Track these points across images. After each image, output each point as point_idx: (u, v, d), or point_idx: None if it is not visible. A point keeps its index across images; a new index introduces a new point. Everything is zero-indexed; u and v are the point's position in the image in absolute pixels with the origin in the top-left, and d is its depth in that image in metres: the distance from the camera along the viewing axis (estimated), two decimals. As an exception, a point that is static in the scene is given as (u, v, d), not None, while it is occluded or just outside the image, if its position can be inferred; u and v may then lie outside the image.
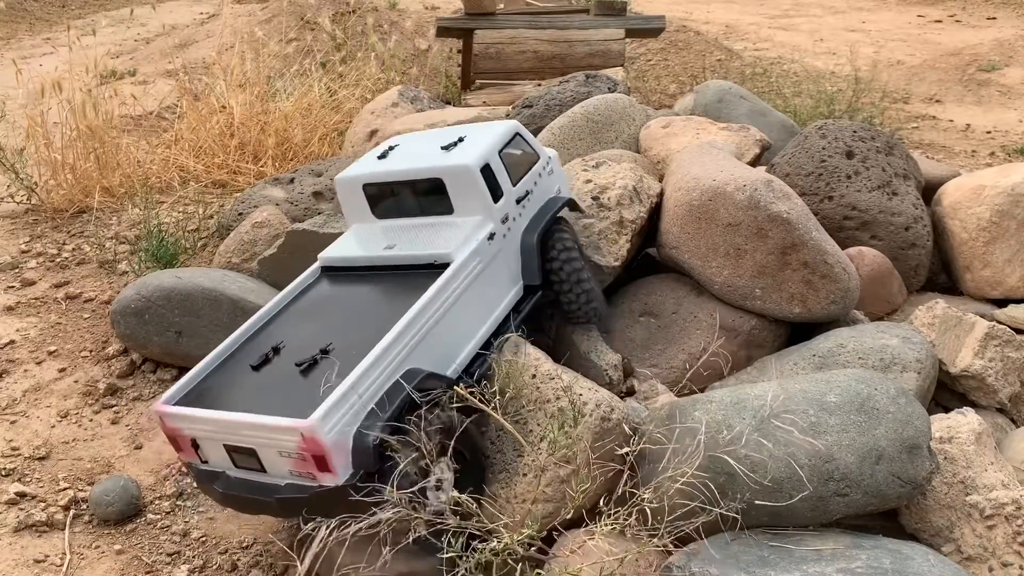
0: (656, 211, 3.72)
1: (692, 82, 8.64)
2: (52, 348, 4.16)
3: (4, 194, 5.55)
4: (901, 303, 3.89)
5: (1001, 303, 3.94)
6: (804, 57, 10.07)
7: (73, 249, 5.05)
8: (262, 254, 4.24)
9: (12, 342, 4.20)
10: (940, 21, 12.40)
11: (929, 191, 4.26)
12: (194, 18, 12.41)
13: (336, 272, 3.18)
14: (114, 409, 3.84)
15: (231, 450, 2.57)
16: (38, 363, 4.07)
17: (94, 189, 5.49)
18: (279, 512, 2.63)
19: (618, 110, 4.60)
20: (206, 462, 2.68)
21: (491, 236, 2.98)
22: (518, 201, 3.15)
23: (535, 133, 4.91)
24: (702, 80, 7.62)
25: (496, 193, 3.04)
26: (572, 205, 3.40)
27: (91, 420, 3.77)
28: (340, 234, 3.46)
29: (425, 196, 3.10)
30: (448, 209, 3.08)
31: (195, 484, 2.91)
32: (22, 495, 3.29)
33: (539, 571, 2.45)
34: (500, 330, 2.97)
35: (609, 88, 5.32)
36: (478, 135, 3.19)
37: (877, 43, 10.71)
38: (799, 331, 3.54)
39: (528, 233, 3.15)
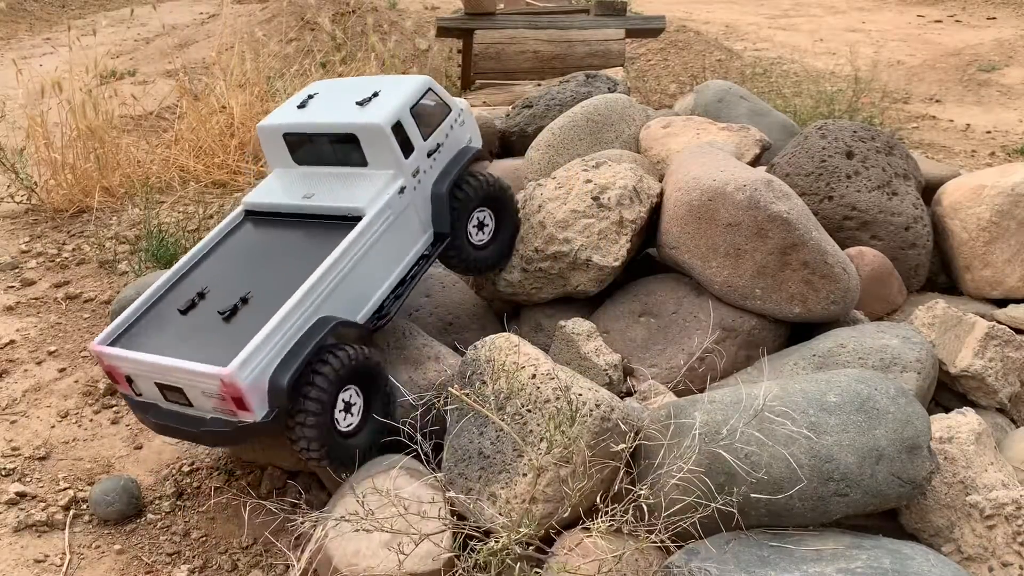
0: (656, 211, 3.72)
1: (692, 82, 8.64)
2: (52, 348, 4.16)
3: (4, 194, 5.55)
4: (901, 303, 3.89)
5: (1001, 303, 3.94)
6: (804, 57, 10.07)
7: (73, 249, 5.05)
8: (262, 254, 4.23)
9: (12, 342, 4.20)
10: (940, 21, 12.40)
11: (929, 191, 4.26)
12: (194, 18, 12.42)
13: (259, 216, 3.39)
14: (114, 409, 3.84)
15: (161, 387, 2.84)
16: (38, 363, 4.07)
17: (94, 189, 5.50)
18: (206, 442, 2.97)
19: (618, 110, 4.60)
20: (140, 395, 2.96)
21: (402, 190, 3.19)
22: (429, 154, 3.33)
23: (535, 133, 4.92)
24: (702, 80, 7.62)
25: (407, 149, 3.22)
26: (481, 156, 3.62)
27: (91, 420, 3.77)
28: None
29: (341, 148, 3.28)
30: (363, 161, 3.27)
31: (132, 412, 3.21)
32: (22, 495, 3.29)
33: (538, 570, 2.45)
34: (410, 273, 3.25)
35: (609, 88, 5.32)
36: (392, 90, 3.32)
37: (877, 43, 10.71)
38: (799, 331, 3.54)
39: (438, 184, 3.34)
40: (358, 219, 3.07)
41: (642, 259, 3.98)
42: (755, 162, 4.33)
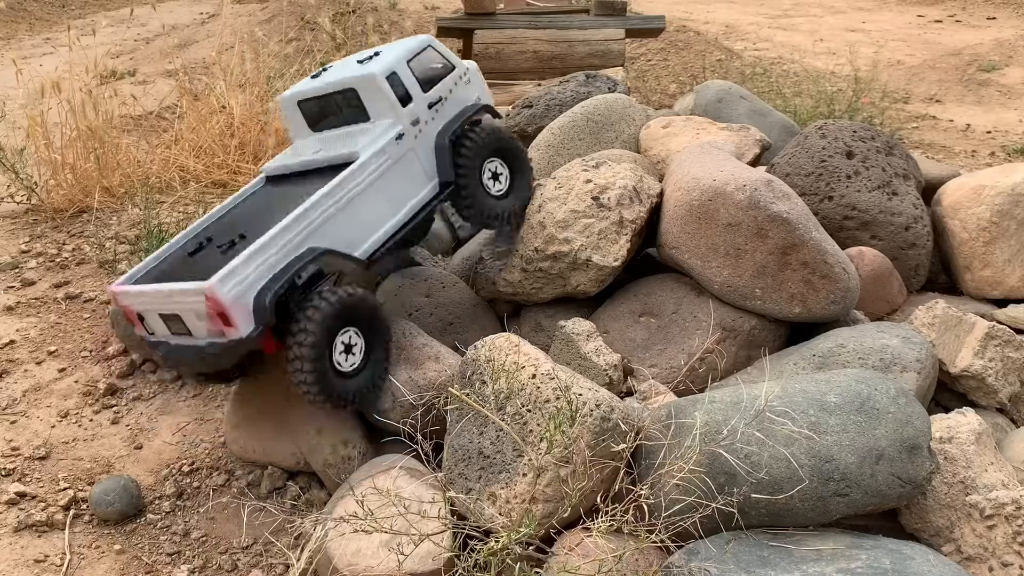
0: (656, 211, 3.72)
1: (692, 82, 8.64)
2: (52, 348, 4.16)
3: (4, 194, 5.55)
4: (901, 303, 3.88)
5: (1001, 303, 3.94)
6: (804, 57, 10.07)
7: (73, 249, 5.05)
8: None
9: (12, 342, 4.20)
10: (940, 21, 12.40)
11: (929, 191, 4.26)
12: (194, 18, 12.42)
13: (276, 179, 3.63)
14: (114, 409, 3.84)
15: (165, 319, 3.01)
16: (38, 363, 4.07)
17: (94, 189, 5.49)
18: (202, 365, 3.07)
19: (618, 110, 4.60)
20: (152, 334, 3.14)
21: (399, 136, 3.34)
22: (430, 106, 3.47)
23: (535, 133, 4.92)
24: (702, 80, 7.62)
25: (405, 99, 3.39)
26: (491, 112, 3.74)
27: (91, 420, 3.77)
28: None
29: (347, 106, 3.48)
30: (365, 116, 3.44)
31: (149, 353, 3.43)
32: (22, 495, 3.29)
33: (538, 570, 2.45)
34: (420, 222, 3.39)
35: (609, 88, 5.32)
36: (391, 49, 3.54)
37: (877, 43, 10.71)
38: (799, 331, 3.54)
39: (441, 135, 3.49)
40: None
41: (642, 259, 3.98)
42: (755, 162, 4.33)
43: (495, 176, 3.61)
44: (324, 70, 3.72)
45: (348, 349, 3.02)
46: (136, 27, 11.59)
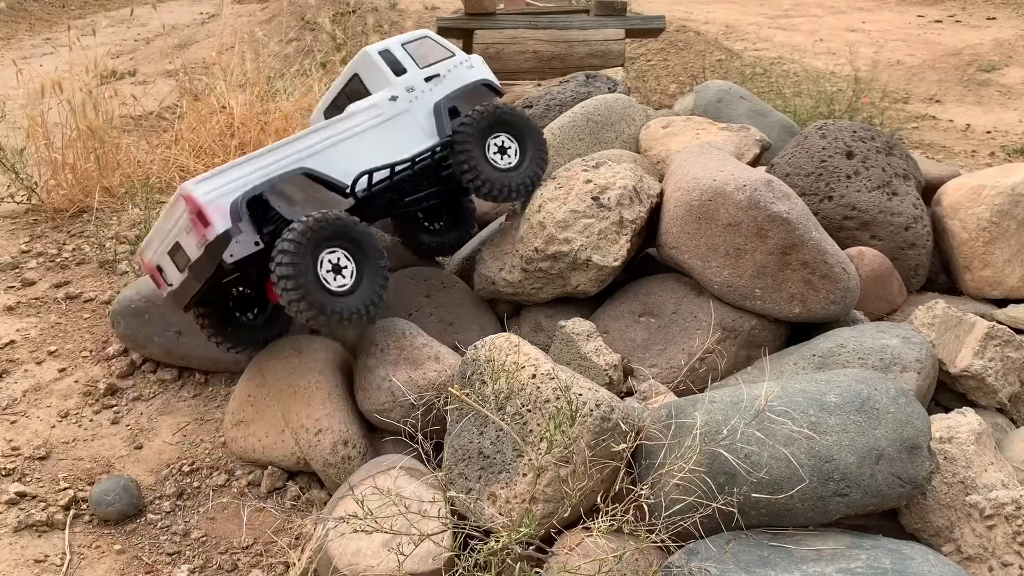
0: (656, 211, 3.72)
1: (692, 82, 8.64)
2: (52, 348, 4.16)
3: (4, 194, 5.55)
4: (901, 303, 3.89)
5: (1001, 303, 3.94)
6: (804, 57, 10.07)
7: (73, 249, 5.05)
8: (262, 254, 4.24)
9: (12, 342, 4.20)
10: (940, 21, 12.40)
11: (929, 191, 4.26)
12: (194, 18, 12.42)
13: None
14: (114, 409, 3.84)
15: (171, 255, 3.25)
16: (38, 363, 4.07)
17: (94, 189, 5.49)
18: (194, 278, 3.22)
19: (618, 110, 4.60)
20: (171, 285, 3.33)
21: (393, 97, 3.68)
22: (427, 79, 3.80)
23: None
24: (702, 80, 7.62)
25: (398, 70, 3.75)
26: (492, 88, 4.01)
27: (91, 420, 3.77)
28: None
29: (356, 95, 3.79)
30: (368, 94, 3.76)
31: (170, 308, 3.59)
32: (22, 495, 3.29)
33: (538, 570, 2.45)
34: (420, 167, 3.66)
35: (609, 88, 5.32)
36: (383, 40, 3.92)
37: (877, 43, 10.71)
38: (799, 331, 3.54)
39: (439, 102, 3.79)
40: None
41: (642, 259, 3.98)
42: (755, 162, 4.33)
43: (502, 150, 3.75)
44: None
45: (337, 269, 3.14)
46: (136, 27, 11.58)
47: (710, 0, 14.23)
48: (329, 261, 3.12)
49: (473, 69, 3.96)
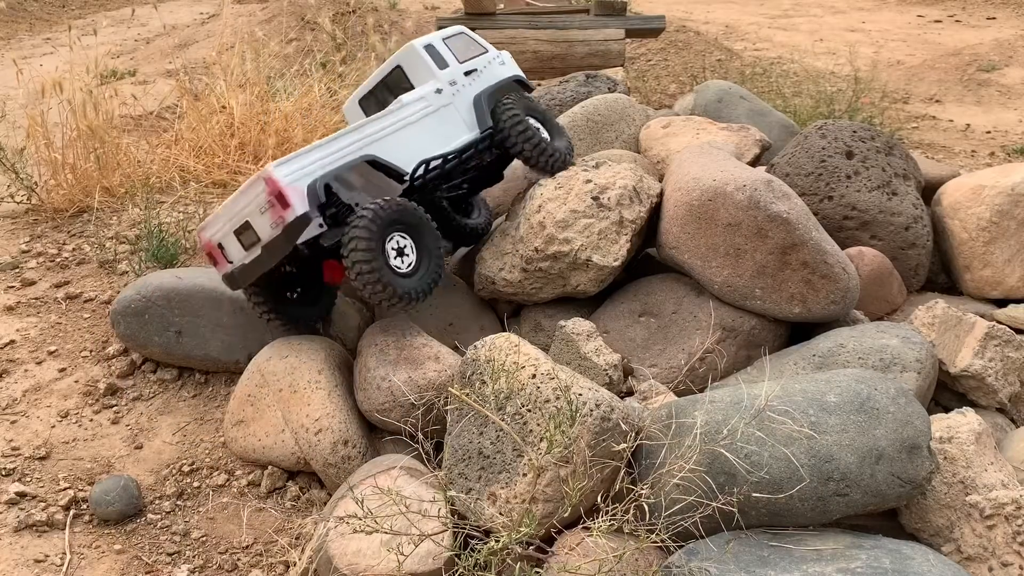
0: (656, 211, 3.72)
1: (692, 82, 8.63)
2: (52, 348, 4.16)
3: (4, 194, 5.55)
4: (901, 303, 3.89)
5: (1001, 303, 3.94)
6: (804, 57, 10.06)
7: (73, 249, 5.05)
8: (262, 254, 4.24)
9: (12, 342, 4.20)
10: (940, 21, 12.40)
11: (929, 191, 4.26)
12: (194, 18, 12.42)
13: None
14: (114, 409, 3.84)
15: (238, 234, 3.35)
16: (38, 363, 4.07)
17: (94, 189, 5.49)
18: (265, 258, 3.30)
19: (618, 110, 4.60)
20: (231, 263, 3.45)
21: (438, 90, 3.86)
22: (467, 73, 4.00)
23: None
24: (702, 80, 7.61)
25: (441, 64, 3.93)
26: (523, 84, 4.25)
27: (91, 420, 3.77)
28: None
29: (398, 87, 3.99)
30: (410, 86, 3.94)
31: (228, 285, 3.60)
32: (22, 495, 3.29)
33: (538, 570, 2.45)
34: (465, 158, 3.85)
35: (609, 88, 5.33)
36: (425, 35, 4.09)
37: (877, 43, 10.71)
38: (799, 331, 3.54)
39: (479, 95, 4.01)
40: None
41: (642, 259, 3.98)
42: (755, 162, 4.34)
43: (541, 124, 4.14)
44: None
45: (400, 252, 3.32)
46: (136, 27, 11.58)
47: (710, 0, 14.23)
48: (392, 247, 3.30)
49: (504, 66, 4.18)
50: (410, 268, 3.34)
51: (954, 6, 13.29)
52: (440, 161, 3.71)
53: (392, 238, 3.28)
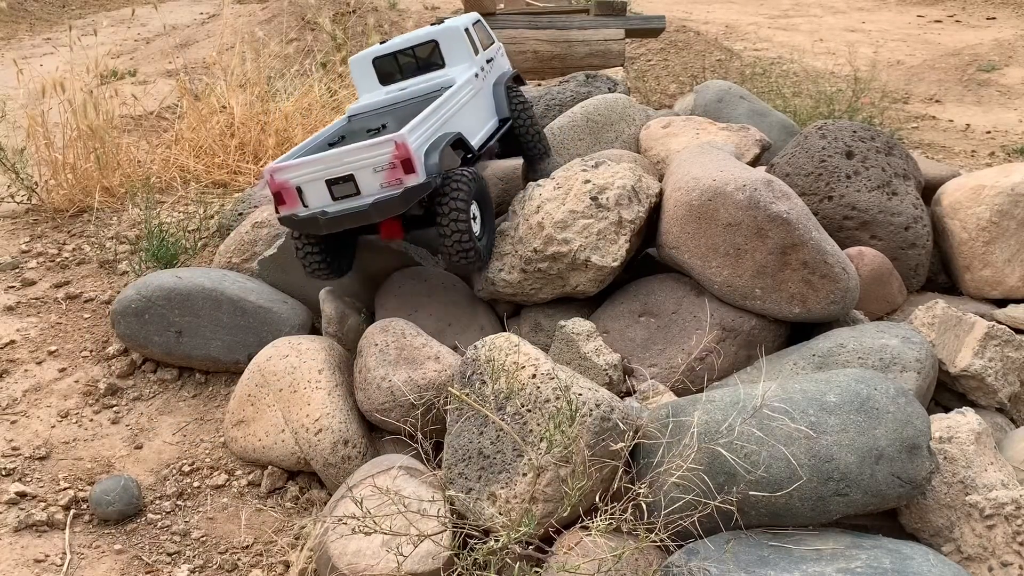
0: (656, 211, 3.72)
1: (692, 82, 8.64)
2: (52, 348, 4.16)
3: (4, 194, 5.55)
4: (901, 303, 3.89)
5: (1001, 303, 3.94)
6: (804, 57, 10.06)
7: (73, 249, 5.05)
8: (262, 254, 4.24)
9: (12, 342, 4.20)
10: (940, 21, 12.40)
11: (929, 191, 4.26)
12: (195, 18, 12.43)
13: (362, 114, 4.21)
14: (114, 409, 3.84)
15: (331, 184, 3.38)
16: (38, 363, 4.07)
17: (94, 189, 5.49)
18: (377, 214, 3.37)
19: (618, 110, 4.60)
20: (307, 207, 3.47)
21: (476, 74, 4.12)
22: (487, 61, 4.29)
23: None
24: (702, 80, 7.62)
25: (475, 49, 4.21)
26: (519, 79, 4.54)
27: (91, 420, 3.77)
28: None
29: (424, 57, 4.17)
30: (441, 63, 4.18)
31: (295, 231, 3.65)
32: (22, 495, 3.29)
33: (537, 570, 2.45)
34: (486, 144, 4.05)
35: (609, 88, 5.32)
36: (452, 19, 4.29)
37: (877, 43, 10.72)
38: (799, 331, 3.54)
39: (496, 83, 4.31)
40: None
41: (642, 259, 3.98)
42: (755, 162, 4.34)
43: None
44: (383, 42, 4.41)
45: (474, 218, 3.54)
46: (136, 27, 11.58)
47: (710, 0, 14.23)
48: (474, 212, 3.54)
49: (503, 58, 4.50)
50: (479, 233, 3.59)
51: (954, 6, 13.29)
52: (486, 139, 3.98)
53: (472, 205, 3.52)
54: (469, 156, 3.83)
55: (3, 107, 6.48)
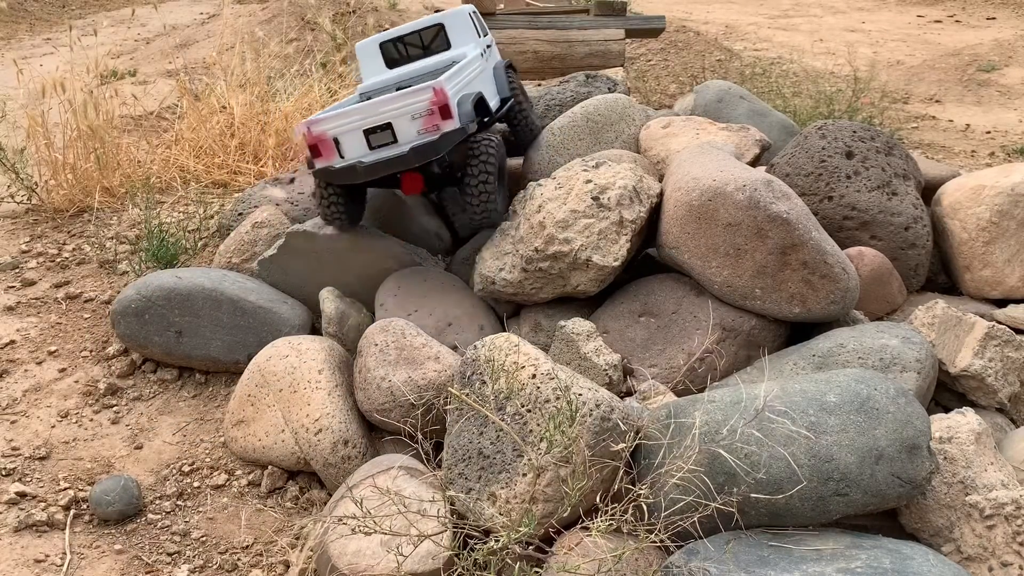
0: (656, 211, 3.72)
1: (692, 82, 8.64)
2: (52, 348, 4.16)
3: (4, 194, 5.55)
4: (901, 303, 3.88)
5: (1001, 303, 3.94)
6: (803, 57, 10.06)
7: (73, 249, 5.05)
8: (262, 254, 4.24)
9: (12, 342, 4.20)
10: (940, 21, 12.40)
11: (929, 191, 4.26)
12: (194, 18, 12.43)
13: (373, 91, 4.38)
14: (114, 409, 3.84)
15: (368, 133, 3.56)
16: (38, 363, 4.07)
17: (94, 189, 5.49)
18: (415, 159, 3.50)
19: (618, 110, 4.60)
20: (343, 158, 3.63)
21: (482, 53, 4.31)
22: (487, 47, 4.48)
23: (535, 133, 4.96)
24: (702, 80, 7.62)
25: (479, 32, 4.42)
26: (512, 67, 4.71)
27: (91, 420, 3.77)
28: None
29: (430, 40, 4.38)
30: (447, 46, 4.39)
31: (331, 182, 3.76)
32: (22, 495, 3.29)
33: (537, 570, 2.45)
34: (494, 116, 4.22)
35: (609, 88, 5.32)
36: (453, 8, 4.51)
37: (877, 43, 10.72)
38: (799, 331, 3.54)
39: (496, 67, 4.49)
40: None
41: (642, 259, 3.98)
42: (755, 162, 4.33)
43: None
44: (384, 30, 4.69)
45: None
46: (136, 27, 11.58)
47: (710, 0, 14.23)
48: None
49: (495, 50, 4.70)
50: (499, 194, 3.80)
51: (954, 6, 13.29)
52: (495, 109, 4.14)
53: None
54: (485, 120, 3.98)
55: (3, 107, 6.48)
